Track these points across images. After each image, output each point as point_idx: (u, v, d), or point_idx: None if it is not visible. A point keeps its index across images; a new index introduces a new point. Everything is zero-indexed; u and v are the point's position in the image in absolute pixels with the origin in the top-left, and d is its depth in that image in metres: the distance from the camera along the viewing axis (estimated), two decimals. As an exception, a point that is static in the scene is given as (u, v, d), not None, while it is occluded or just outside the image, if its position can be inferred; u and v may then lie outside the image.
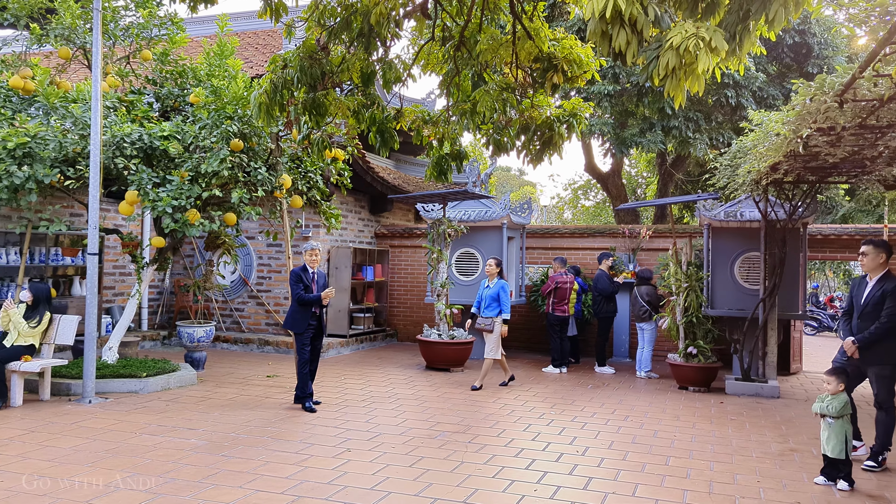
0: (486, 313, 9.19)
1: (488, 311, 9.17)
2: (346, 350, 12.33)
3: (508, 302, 9.21)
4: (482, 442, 6.36)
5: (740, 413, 7.98)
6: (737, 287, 10.06)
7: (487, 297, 9.23)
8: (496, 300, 9.16)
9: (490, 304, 9.18)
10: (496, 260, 9.38)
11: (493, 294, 9.18)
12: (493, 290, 9.22)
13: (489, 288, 9.30)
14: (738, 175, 8.59)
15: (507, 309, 9.16)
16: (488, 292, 9.25)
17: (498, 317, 9.13)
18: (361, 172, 12.40)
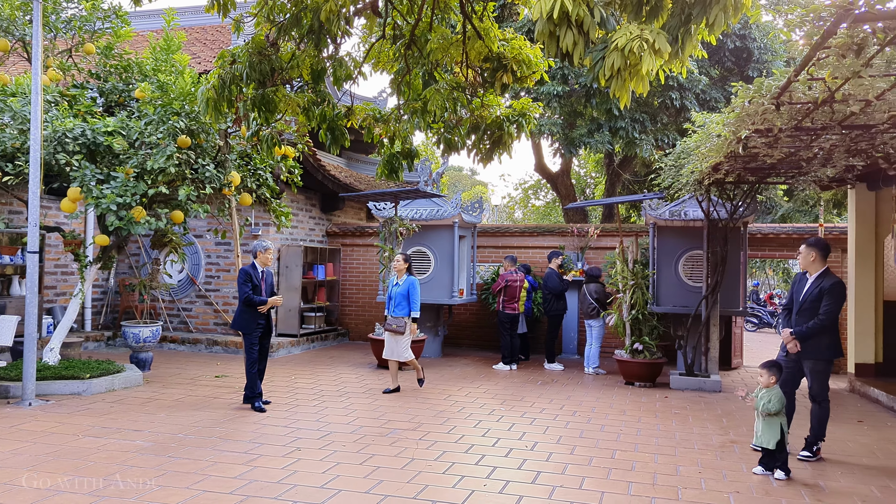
0: (397, 313, 8.67)
1: (398, 310, 8.67)
2: (296, 350, 12.22)
3: (418, 300, 8.80)
4: (433, 439, 6.41)
5: (684, 407, 8.21)
6: (681, 284, 10.34)
7: (397, 295, 8.72)
8: (406, 299, 8.69)
9: (400, 303, 8.69)
10: (404, 255, 8.92)
11: (403, 292, 8.70)
12: (402, 288, 8.72)
13: (398, 286, 8.77)
14: (682, 175, 8.83)
15: (416, 307, 8.72)
16: (397, 290, 8.74)
17: (408, 316, 8.69)
18: (312, 170, 12.31)
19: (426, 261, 11.77)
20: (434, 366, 10.96)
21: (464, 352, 12.82)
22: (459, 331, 13.49)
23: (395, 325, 8.62)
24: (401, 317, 8.63)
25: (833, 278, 6.09)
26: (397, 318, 8.64)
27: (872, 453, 6.31)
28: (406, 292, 8.68)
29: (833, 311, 5.97)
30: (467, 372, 10.45)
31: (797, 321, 6.14)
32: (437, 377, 9.88)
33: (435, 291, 11.65)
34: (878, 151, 6.62)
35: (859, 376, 9.80)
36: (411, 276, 8.84)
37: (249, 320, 7.59)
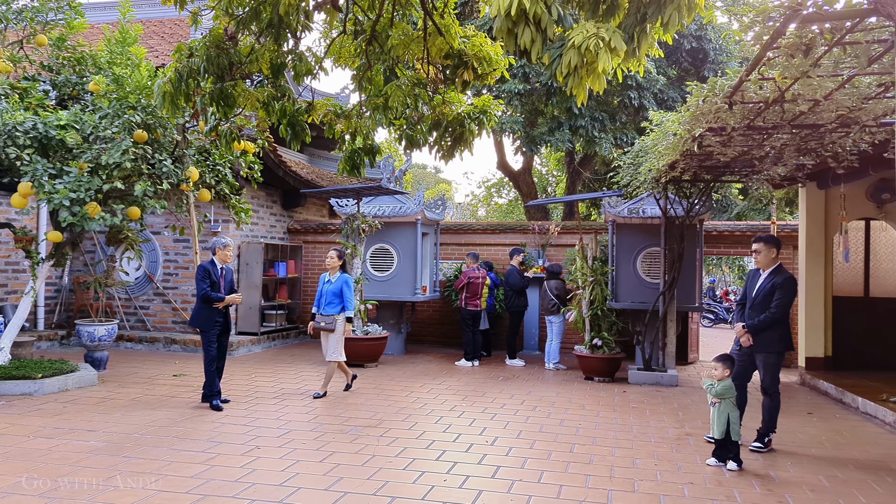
0: (328, 311, 8.22)
1: (330, 308, 8.22)
2: (257, 348, 12.09)
3: (353, 298, 8.48)
4: (394, 435, 6.41)
5: (641, 401, 8.35)
6: (639, 281, 10.50)
7: (328, 292, 8.28)
8: (338, 296, 8.25)
9: (332, 301, 8.24)
10: (338, 251, 8.49)
11: (335, 289, 8.26)
12: (335, 286, 8.28)
13: (330, 283, 8.34)
14: (640, 173, 8.98)
15: (351, 305, 8.30)
16: (329, 287, 8.30)
17: (340, 314, 8.23)
18: (273, 166, 12.18)
19: (389, 258, 11.76)
20: (397, 363, 10.96)
21: (427, 349, 12.84)
22: (422, 328, 13.50)
23: (325, 323, 8.19)
24: (332, 314, 8.21)
25: (785, 274, 6.26)
26: (328, 315, 8.21)
27: (821, 444, 6.51)
28: (339, 289, 8.27)
29: (784, 304, 6.14)
30: (430, 368, 10.47)
31: (750, 315, 6.30)
32: (400, 374, 9.87)
33: (397, 288, 11.64)
34: (827, 151, 6.82)
35: (809, 370, 10.09)
36: (345, 273, 8.45)
37: (207, 318, 7.49)
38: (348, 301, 8.28)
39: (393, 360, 11.29)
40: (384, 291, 11.68)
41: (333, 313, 8.21)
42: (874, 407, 7.64)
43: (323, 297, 8.34)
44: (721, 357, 5.79)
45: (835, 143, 6.46)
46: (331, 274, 8.44)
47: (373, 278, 11.74)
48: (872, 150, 6.57)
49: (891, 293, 10.19)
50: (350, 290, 8.33)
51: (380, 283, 11.73)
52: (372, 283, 11.69)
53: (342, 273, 8.41)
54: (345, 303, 8.26)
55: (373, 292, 11.63)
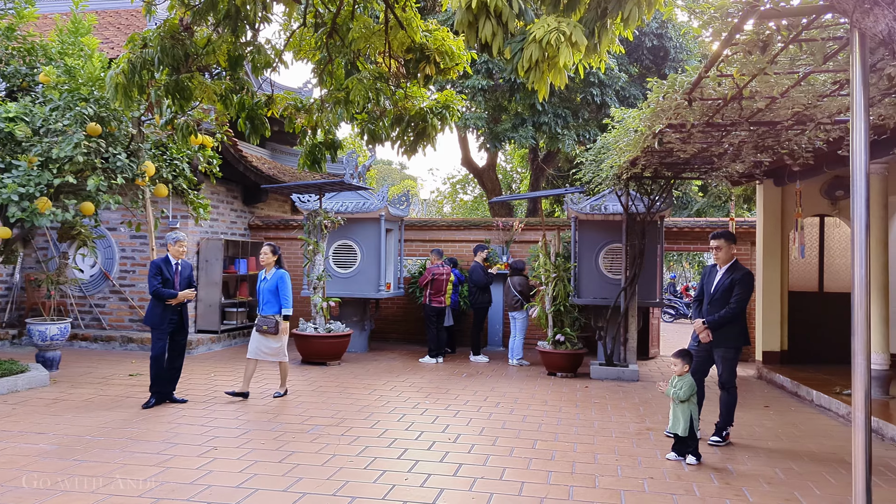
0: (266, 311, 7.78)
1: (268, 308, 7.78)
2: (217, 346, 11.88)
3: (290, 295, 7.89)
4: (355, 434, 6.33)
5: (603, 396, 8.40)
6: (601, 277, 10.58)
7: (265, 291, 7.80)
8: (275, 294, 7.78)
9: (269, 300, 7.78)
10: (272, 247, 7.99)
11: (271, 287, 7.78)
12: (270, 283, 7.80)
13: (266, 280, 7.87)
14: (602, 170, 9.03)
15: (288, 304, 7.79)
16: (265, 286, 7.83)
17: (279, 314, 7.78)
18: (233, 161, 11.97)
19: (352, 254, 11.65)
20: (360, 360, 10.86)
21: (391, 346, 12.76)
22: (387, 325, 13.42)
23: (265, 326, 7.70)
24: (270, 315, 7.75)
25: (743, 269, 6.34)
26: (267, 316, 7.75)
27: (777, 437, 6.62)
28: (274, 287, 7.77)
29: (743, 300, 6.22)
30: (393, 366, 10.40)
31: (709, 311, 6.36)
32: (363, 372, 9.79)
33: (361, 285, 11.54)
34: (783, 148, 6.92)
35: (766, 363, 10.28)
36: (281, 270, 7.93)
37: (161, 315, 7.33)
38: (285, 299, 7.78)
39: (356, 357, 11.19)
40: (347, 288, 11.57)
41: (272, 313, 7.76)
42: (828, 399, 7.80)
43: (261, 297, 7.86)
44: (679, 353, 5.84)
45: (791, 140, 6.56)
46: (266, 271, 7.94)
47: (336, 275, 11.62)
48: (827, 147, 6.69)
49: (844, 288, 10.43)
50: (286, 286, 7.81)
51: (343, 279, 11.62)
52: (335, 280, 11.57)
53: (278, 269, 7.92)
54: (281, 300, 7.78)
55: (336, 289, 11.52)
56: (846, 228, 10.40)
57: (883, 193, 8.20)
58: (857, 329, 3.19)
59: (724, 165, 8.11)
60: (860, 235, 3.19)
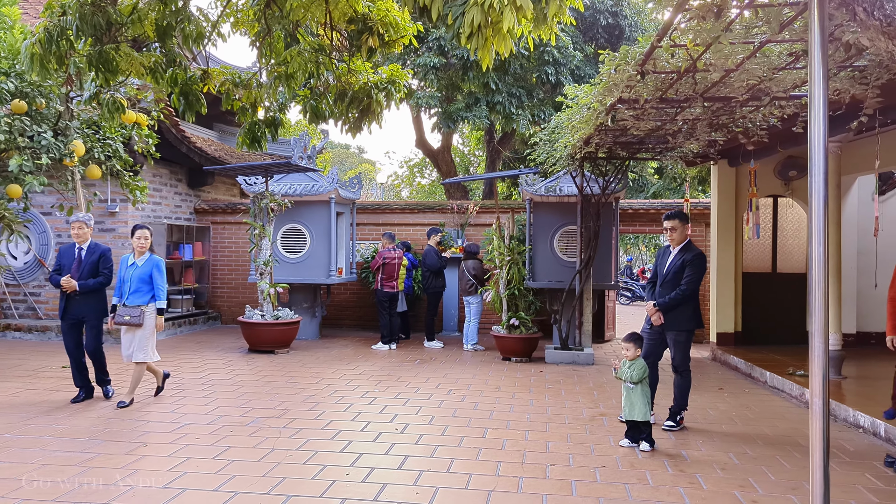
0: (134, 300, 6.73)
1: (137, 297, 6.74)
2: (160, 335, 11.36)
3: (165, 285, 6.92)
4: (298, 426, 6.02)
5: (557, 381, 8.24)
6: (556, 260, 10.41)
7: (135, 278, 6.75)
8: (148, 282, 6.79)
9: (139, 288, 6.75)
10: (150, 229, 7.04)
11: (144, 275, 6.77)
12: (143, 270, 6.79)
13: (136, 266, 6.81)
14: (556, 150, 8.82)
15: (162, 294, 6.87)
16: (136, 272, 6.77)
17: (150, 305, 6.81)
18: (175, 142, 11.44)
19: (301, 239, 11.26)
20: (310, 348, 10.52)
21: (343, 332, 12.44)
22: (339, 311, 13.09)
23: (131, 317, 6.69)
24: (138, 305, 6.74)
25: (695, 250, 6.19)
26: (134, 306, 6.73)
27: (731, 420, 6.52)
28: (149, 275, 6.80)
29: (694, 281, 6.06)
30: (344, 353, 10.09)
31: (661, 293, 6.20)
32: (312, 360, 9.45)
33: (311, 270, 11.18)
34: (738, 126, 6.79)
35: (720, 345, 10.26)
36: (154, 255, 6.95)
37: (62, 305, 6.89)
38: (160, 289, 6.84)
39: (307, 345, 10.85)
40: (297, 274, 11.19)
41: (141, 303, 6.75)
42: (781, 381, 7.76)
43: (127, 284, 6.78)
44: (630, 336, 5.65)
45: (745, 117, 6.41)
46: (136, 256, 6.89)
47: (284, 260, 11.23)
48: (781, 124, 6.57)
49: (797, 269, 10.45)
50: (162, 274, 6.89)
51: (292, 265, 11.23)
52: (283, 265, 11.18)
53: (151, 255, 6.93)
54: (156, 291, 6.83)
55: (284, 275, 11.13)
56: (799, 209, 10.41)
57: (836, 173, 8.16)
58: (816, 310, 3.01)
59: (679, 144, 7.97)
60: (819, 213, 3.00)
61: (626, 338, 5.62)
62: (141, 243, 6.84)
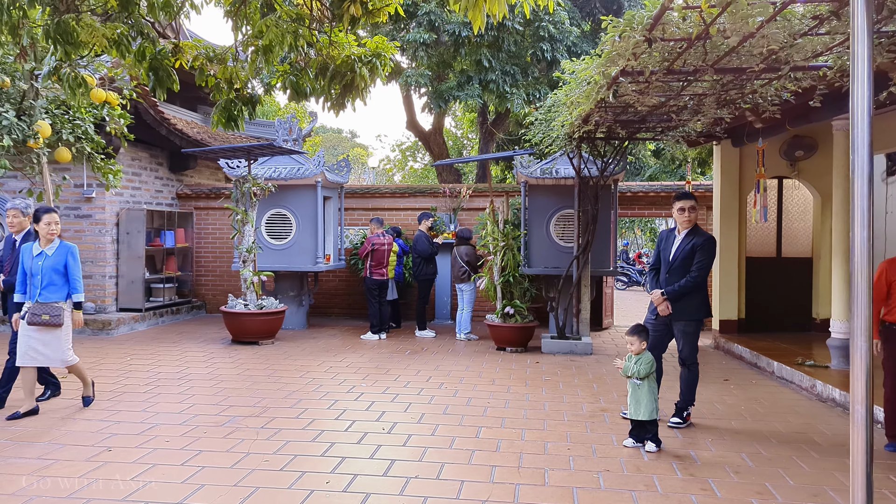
0: (47, 296, 5.75)
1: (51, 291, 5.77)
2: (141, 326, 10.94)
3: (80, 276, 5.94)
4: (277, 426, 5.60)
5: (555, 373, 7.84)
6: (552, 245, 9.99)
7: (48, 269, 5.77)
8: (62, 274, 5.85)
9: (53, 282, 5.79)
10: (57, 212, 6.01)
11: (57, 265, 5.82)
12: (54, 260, 5.81)
13: (45, 256, 5.80)
14: (553, 129, 8.37)
15: (78, 287, 5.91)
16: (46, 264, 5.78)
17: (67, 301, 5.89)
18: (154, 124, 10.92)
19: (287, 224, 10.79)
20: (297, 338, 10.10)
21: (332, 322, 12.02)
22: (328, 299, 12.65)
23: (47, 315, 5.72)
24: (54, 302, 5.79)
25: (705, 234, 5.78)
26: (47, 303, 5.75)
27: (740, 415, 6.13)
28: (63, 265, 5.85)
29: (705, 267, 5.66)
30: (332, 344, 9.66)
31: (668, 281, 5.79)
32: (297, 351, 9.03)
33: (297, 257, 10.73)
34: (747, 102, 6.35)
35: (723, 333, 9.88)
36: (67, 243, 5.96)
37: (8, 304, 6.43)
38: (75, 280, 5.89)
39: (293, 335, 10.42)
40: (283, 261, 10.74)
41: (58, 299, 5.82)
42: (790, 371, 7.38)
43: (37, 278, 5.77)
44: (635, 329, 5.23)
45: (756, 92, 5.97)
46: (44, 244, 5.86)
47: (269, 247, 10.77)
48: (795, 99, 6.13)
49: (802, 253, 10.06)
50: (77, 263, 5.93)
51: (277, 251, 10.77)
52: (268, 252, 10.72)
53: (62, 242, 5.93)
54: (71, 283, 5.88)
55: (269, 262, 10.68)
56: (805, 191, 9.99)
57: (846, 152, 7.73)
58: (858, 304, 2.55)
59: (683, 123, 7.53)
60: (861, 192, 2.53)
61: (631, 331, 5.20)
62: (51, 230, 5.82)
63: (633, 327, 5.24)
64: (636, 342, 5.12)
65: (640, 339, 5.14)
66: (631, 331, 5.21)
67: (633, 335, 5.16)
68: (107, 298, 10.86)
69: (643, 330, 5.23)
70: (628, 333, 5.20)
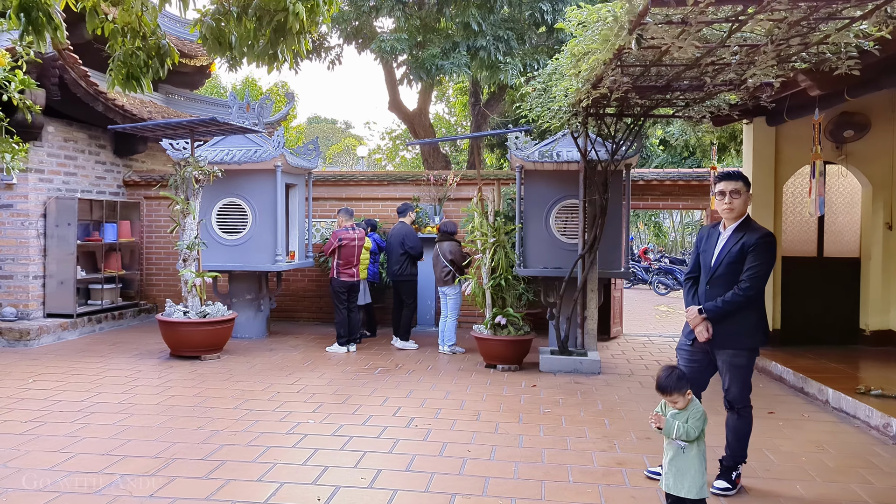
0: None
1: None
2: (70, 334, 9.37)
3: None
4: (174, 493, 4.05)
5: (556, 401, 6.29)
6: (553, 241, 8.43)
7: None
8: None
9: None
10: None
11: None
12: None
13: None
14: (554, 99, 6.81)
15: None
16: None
17: None
18: (87, 98, 9.33)
19: (241, 216, 9.22)
20: (251, 350, 8.55)
21: (298, 329, 10.47)
22: (295, 301, 11.11)
23: None
24: None
25: (759, 230, 4.22)
26: None
27: (803, 471, 4.59)
28: None
29: (762, 275, 4.11)
30: (289, 359, 8.11)
31: (709, 294, 4.24)
32: (245, 369, 7.48)
33: (254, 255, 9.16)
34: (805, 60, 4.80)
35: (754, 346, 8.32)
36: None
37: None
38: None
39: (248, 346, 8.87)
40: (237, 259, 9.18)
41: None
42: (853, 404, 5.84)
43: None
44: (671, 377, 3.50)
45: (827, 40, 4.39)
46: None
47: (221, 242, 9.20)
48: (881, 50, 4.57)
49: (848, 252, 8.51)
50: None
51: (231, 248, 9.21)
52: (220, 249, 9.16)
53: None
54: None
55: (222, 260, 9.13)
56: (853, 179, 8.42)
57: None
58: None
59: (717, 91, 5.98)
60: None
61: (665, 382, 3.49)
62: None
63: (669, 375, 3.52)
64: (680, 399, 3.51)
65: (683, 391, 3.52)
66: (665, 382, 3.49)
67: (673, 392, 3.49)
68: (31, 303, 9.29)
69: (682, 377, 3.57)
70: (664, 389, 3.53)
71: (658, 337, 10.25)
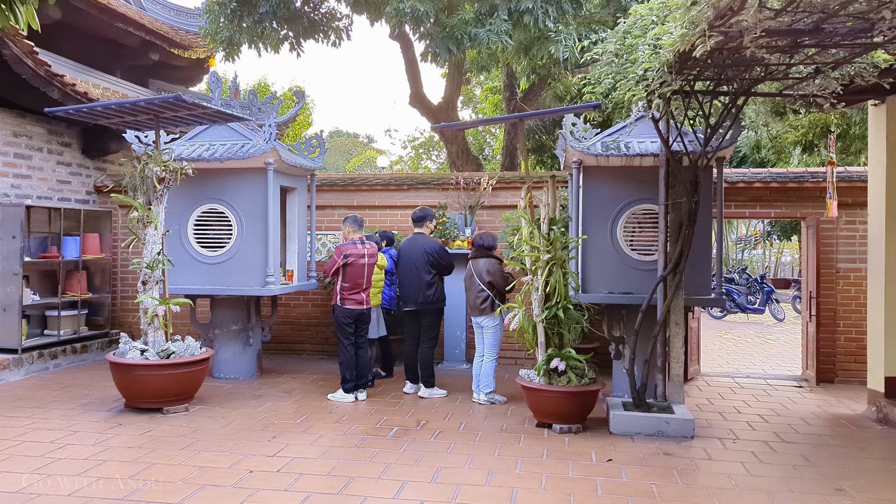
0: None
1: None
2: (14, 374, 7.55)
3: None
4: None
5: (647, 490, 4.30)
6: (620, 258, 6.48)
7: None
8: None
9: None
10: None
11: None
12: None
13: None
14: (634, 63, 4.90)
15: None
16: None
17: None
18: (37, 81, 7.58)
19: (224, 226, 7.38)
20: (231, 399, 6.66)
21: (299, 365, 8.57)
22: (297, 331, 9.24)
23: None
24: None
25: None
26: None
27: None
28: None
29: None
30: (279, 412, 6.21)
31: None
32: (215, 431, 5.59)
33: (239, 275, 7.30)
34: None
35: (890, 397, 6.28)
36: None
37: None
38: None
39: (230, 391, 6.99)
40: (219, 280, 7.33)
41: None
42: None
43: None
44: None
45: None
46: None
47: (199, 259, 7.36)
48: None
49: None
50: None
51: (210, 266, 7.36)
52: (197, 267, 7.32)
53: None
54: None
55: (200, 282, 7.30)
56: None
57: None
58: None
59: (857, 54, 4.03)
60: None
61: None
62: None
63: None
64: None
65: None
66: None
67: None
68: (-37, 334, 7.52)
69: None
70: None
71: (744, 378, 8.20)
